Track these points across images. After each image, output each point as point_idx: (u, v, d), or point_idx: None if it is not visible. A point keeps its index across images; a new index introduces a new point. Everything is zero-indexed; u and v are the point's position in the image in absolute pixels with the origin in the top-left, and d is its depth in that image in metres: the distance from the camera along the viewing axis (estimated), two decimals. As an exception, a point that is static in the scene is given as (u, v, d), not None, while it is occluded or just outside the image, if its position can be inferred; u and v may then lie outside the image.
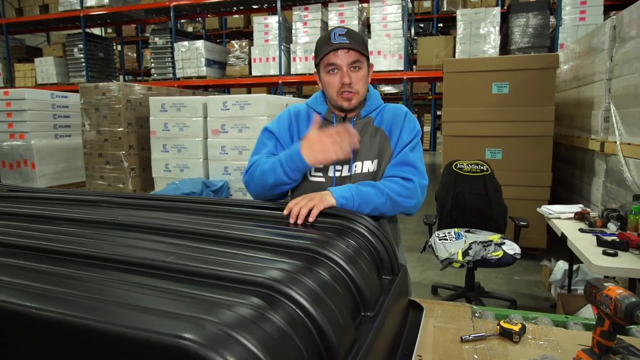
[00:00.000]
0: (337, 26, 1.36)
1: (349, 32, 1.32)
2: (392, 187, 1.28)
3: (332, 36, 1.31)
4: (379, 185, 1.28)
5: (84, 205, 1.32)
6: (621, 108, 3.04)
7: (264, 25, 8.18)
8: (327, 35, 1.33)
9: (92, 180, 6.38)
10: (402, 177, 1.32)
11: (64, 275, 0.74)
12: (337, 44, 1.29)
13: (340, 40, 1.29)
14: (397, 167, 1.34)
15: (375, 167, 1.38)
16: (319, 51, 1.35)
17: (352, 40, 1.30)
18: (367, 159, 1.38)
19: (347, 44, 1.29)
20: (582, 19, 6.62)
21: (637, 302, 0.78)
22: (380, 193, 1.26)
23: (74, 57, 9.29)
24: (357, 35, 1.34)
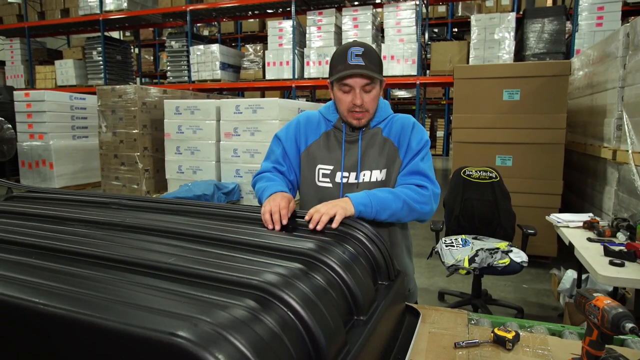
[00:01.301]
0: (354, 42, 1.35)
1: (365, 52, 1.31)
2: (408, 194, 1.31)
3: (349, 55, 1.30)
4: (396, 192, 1.30)
5: (95, 207, 1.38)
6: (634, 116, 3.01)
7: (279, 30, 8.27)
8: (343, 52, 1.32)
9: (107, 181, 6.52)
10: (416, 184, 1.34)
11: (71, 274, 0.79)
12: (353, 67, 1.29)
13: (357, 62, 1.29)
14: (409, 176, 1.36)
15: (384, 177, 1.40)
16: (334, 67, 1.35)
17: (368, 61, 1.30)
18: (375, 168, 1.40)
19: (362, 68, 1.29)
20: (599, 24, 6.53)
21: (623, 312, 0.79)
22: (398, 199, 1.28)
23: (92, 59, 9.51)
24: (374, 54, 1.33)
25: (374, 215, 1.26)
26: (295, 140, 1.49)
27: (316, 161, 1.44)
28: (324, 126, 1.47)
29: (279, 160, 1.49)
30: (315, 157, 1.45)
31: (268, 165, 1.50)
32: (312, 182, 1.45)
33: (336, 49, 1.38)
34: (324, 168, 1.43)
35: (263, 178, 1.44)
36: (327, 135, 1.46)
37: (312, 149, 1.46)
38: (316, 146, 1.46)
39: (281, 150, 1.49)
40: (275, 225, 1.14)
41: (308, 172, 1.46)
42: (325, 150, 1.44)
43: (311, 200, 1.42)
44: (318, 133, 1.47)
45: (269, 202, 1.19)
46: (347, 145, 1.42)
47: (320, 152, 1.44)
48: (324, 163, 1.43)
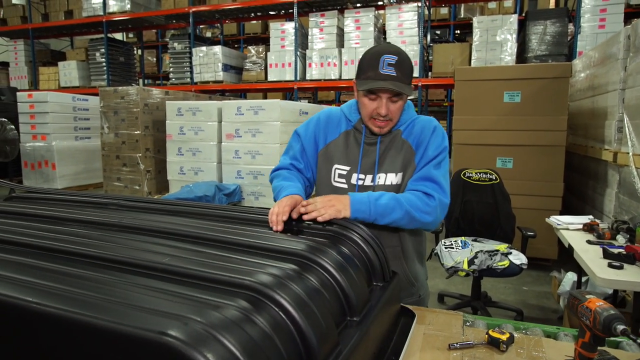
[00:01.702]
0: (388, 48, 1.28)
1: (399, 61, 1.26)
2: (412, 201, 1.27)
3: (381, 63, 1.25)
4: (399, 198, 1.27)
5: (93, 207, 1.39)
6: (634, 119, 3.00)
7: (281, 32, 8.29)
8: (376, 58, 1.26)
9: (109, 182, 6.55)
10: (423, 192, 1.30)
11: (65, 274, 0.79)
12: (384, 78, 1.24)
13: (388, 72, 1.24)
14: (419, 182, 1.33)
15: (399, 180, 1.37)
16: (363, 71, 1.30)
17: (400, 72, 1.25)
18: (391, 171, 1.37)
19: (394, 80, 1.24)
20: (602, 26, 6.52)
21: (615, 314, 0.79)
22: (400, 206, 1.26)
23: (95, 61, 9.56)
24: (406, 63, 1.28)
25: (372, 220, 1.25)
26: (314, 137, 1.46)
27: (333, 161, 1.42)
28: (344, 125, 1.44)
29: (297, 156, 1.47)
30: (333, 156, 1.42)
31: (286, 161, 1.48)
32: (327, 182, 1.43)
33: (369, 50, 1.32)
34: (340, 168, 1.41)
35: (280, 176, 1.43)
36: (346, 134, 1.43)
37: (330, 148, 1.43)
38: (334, 145, 1.43)
39: (300, 146, 1.47)
40: (277, 226, 1.14)
41: (324, 171, 1.44)
42: (343, 151, 1.41)
43: None
44: (338, 132, 1.44)
45: (278, 205, 1.19)
46: (365, 147, 1.40)
47: (337, 152, 1.42)
48: (341, 163, 1.41)
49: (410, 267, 1.42)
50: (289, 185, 1.33)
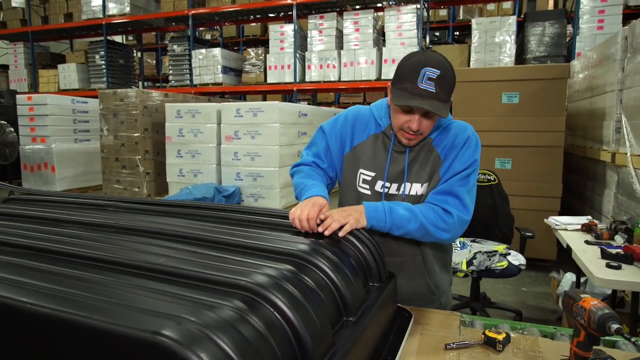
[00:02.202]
0: (431, 59, 1.17)
1: (441, 76, 1.15)
2: (429, 216, 1.24)
3: (421, 76, 1.15)
4: (416, 211, 1.24)
5: (91, 209, 1.39)
6: (632, 119, 3.00)
7: (280, 34, 8.30)
8: (416, 69, 1.16)
9: (108, 184, 6.55)
10: (443, 207, 1.26)
11: (62, 275, 0.80)
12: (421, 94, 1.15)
13: (428, 87, 1.15)
14: (440, 196, 1.28)
15: (424, 191, 1.31)
16: (400, 81, 1.20)
17: (440, 88, 1.15)
18: (417, 181, 1.31)
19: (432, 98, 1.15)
20: (600, 27, 6.53)
21: (609, 313, 0.80)
22: (415, 219, 1.23)
23: (95, 63, 9.58)
24: (449, 78, 1.18)
25: (386, 230, 1.24)
26: (340, 136, 1.40)
27: (359, 165, 1.36)
28: (373, 128, 1.37)
29: (321, 155, 1.42)
30: (359, 160, 1.36)
31: (308, 157, 1.44)
32: (352, 185, 1.38)
33: (410, 57, 1.21)
34: (365, 174, 1.35)
35: (301, 172, 1.39)
36: (375, 138, 1.36)
37: (357, 151, 1.37)
38: (361, 149, 1.36)
39: (324, 144, 1.42)
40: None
41: (350, 174, 1.38)
42: (371, 155, 1.35)
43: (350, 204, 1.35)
44: (366, 134, 1.37)
45: (300, 208, 1.16)
46: (394, 154, 1.33)
47: (364, 156, 1.36)
48: (367, 168, 1.35)
49: (431, 276, 1.38)
50: (312, 185, 1.29)
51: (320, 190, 1.27)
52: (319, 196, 1.23)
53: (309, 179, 1.34)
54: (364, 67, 7.71)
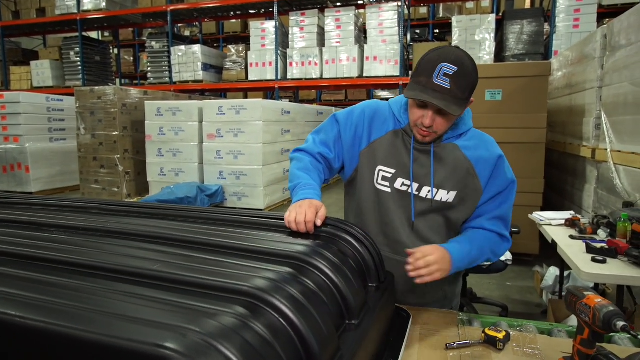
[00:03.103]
0: (452, 55, 1.12)
1: (458, 73, 1.11)
2: (493, 247, 1.28)
3: (437, 71, 1.11)
4: (485, 248, 1.26)
5: (74, 211, 1.33)
6: (612, 116, 3.07)
7: (261, 30, 8.22)
8: (434, 63, 1.12)
9: (86, 184, 6.38)
10: (500, 233, 1.28)
11: (49, 284, 0.75)
12: (435, 89, 1.12)
13: (442, 83, 1.11)
14: (497, 222, 1.28)
15: (451, 199, 1.27)
16: (417, 73, 1.16)
17: (456, 86, 1.11)
18: (444, 188, 1.26)
19: (445, 94, 1.11)
20: (576, 26, 6.68)
21: (615, 311, 0.79)
22: (484, 255, 1.27)
23: (70, 60, 9.30)
24: (467, 76, 1.13)
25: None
26: (355, 129, 1.34)
27: (377, 161, 1.30)
28: (392, 124, 1.32)
29: (329, 144, 1.36)
30: (377, 156, 1.31)
31: (315, 146, 1.36)
32: (370, 183, 1.32)
33: (432, 51, 1.17)
34: (384, 170, 1.30)
35: (301, 162, 1.33)
36: (394, 135, 1.30)
37: (374, 147, 1.31)
38: (379, 144, 1.31)
39: (336, 133, 1.36)
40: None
41: (368, 171, 1.32)
42: (390, 151, 1.29)
43: (369, 203, 1.33)
44: (384, 130, 1.31)
45: (295, 210, 1.12)
46: (416, 153, 1.27)
47: (383, 152, 1.30)
48: (386, 165, 1.29)
49: (449, 284, 1.38)
50: (307, 186, 1.25)
51: (314, 194, 1.23)
52: (313, 199, 1.19)
53: (306, 176, 1.29)
54: (345, 65, 7.70)
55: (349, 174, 1.38)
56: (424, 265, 1.11)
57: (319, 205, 1.16)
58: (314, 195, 1.22)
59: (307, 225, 1.10)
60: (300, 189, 1.25)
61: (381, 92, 11.44)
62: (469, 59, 1.14)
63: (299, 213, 1.11)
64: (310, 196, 1.20)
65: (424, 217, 1.29)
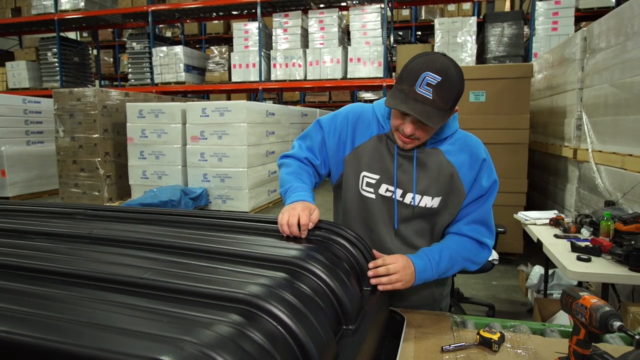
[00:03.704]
0: (437, 64, 1.09)
1: (441, 83, 1.08)
2: (468, 255, 1.25)
3: (420, 80, 1.08)
4: (457, 258, 1.23)
5: (57, 217, 1.28)
6: (592, 117, 3.14)
7: (244, 32, 8.17)
8: (417, 72, 1.09)
9: (65, 188, 6.22)
10: (479, 240, 1.26)
11: (36, 295, 0.71)
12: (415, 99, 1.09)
13: (424, 93, 1.08)
14: (474, 226, 1.26)
15: (436, 205, 1.25)
16: (401, 80, 1.13)
17: (438, 96, 1.08)
18: (428, 194, 1.25)
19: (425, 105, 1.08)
20: (555, 29, 6.83)
21: (611, 311, 0.80)
22: (457, 266, 1.24)
23: (47, 61, 9.07)
24: (451, 86, 1.10)
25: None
26: (339, 135, 1.32)
27: (361, 167, 1.29)
28: (375, 129, 1.29)
29: (315, 150, 1.35)
30: (361, 162, 1.29)
31: (301, 151, 1.35)
32: (355, 189, 1.31)
33: (417, 58, 1.13)
34: (368, 176, 1.28)
35: (289, 166, 1.32)
36: (378, 140, 1.28)
37: (358, 152, 1.30)
38: (363, 150, 1.29)
39: (320, 139, 1.34)
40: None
41: (352, 177, 1.31)
42: (373, 157, 1.28)
43: (354, 209, 1.32)
44: (368, 135, 1.30)
45: (288, 212, 1.10)
46: (399, 159, 1.26)
47: (367, 158, 1.29)
48: (370, 171, 1.28)
49: (437, 286, 1.37)
50: (299, 188, 1.23)
51: (307, 196, 1.21)
52: (306, 201, 1.18)
53: (297, 180, 1.27)
54: (329, 66, 7.71)
55: (335, 179, 1.37)
56: (384, 272, 1.10)
57: (312, 208, 1.15)
58: (307, 197, 1.20)
59: (301, 227, 1.08)
60: (293, 191, 1.23)
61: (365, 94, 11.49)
62: (455, 68, 1.11)
63: (292, 215, 1.10)
64: (303, 198, 1.19)
65: (409, 223, 1.29)
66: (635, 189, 2.43)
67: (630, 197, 2.48)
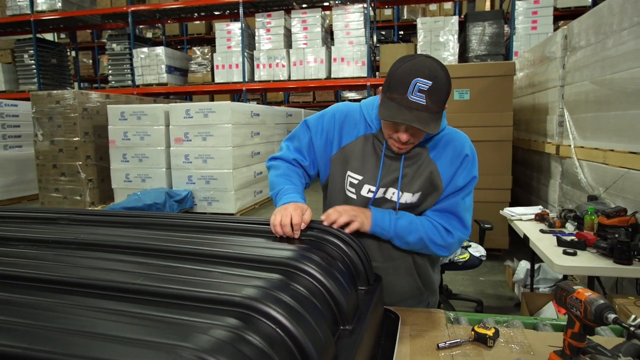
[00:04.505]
0: (425, 69, 1.06)
1: (433, 87, 1.06)
2: (430, 233, 1.23)
3: (412, 87, 1.06)
4: (419, 225, 1.23)
5: (40, 223, 1.25)
6: (574, 113, 3.20)
7: (227, 32, 8.10)
8: (407, 79, 1.07)
9: (45, 193, 6.08)
10: (445, 227, 1.24)
11: (23, 304, 0.69)
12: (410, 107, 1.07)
13: (417, 99, 1.06)
14: (442, 215, 1.26)
15: (415, 200, 1.26)
16: (390, 88, 1.11)
17: (431, 101, 1.06)
18: (408, 191, 1.25)
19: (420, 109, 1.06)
20: (534, 28, 6.95)
21: (605, 304, 0.81)
22: (416, 233, 1.22)
23: (24, 63, 8.85)
24: (442, 88, 1.08)
25: (388, 238, 1.23)
26: (326, 134, 1.31)
27: (347, 167, 1.28)
28: (362, 129, 1.28)
29: (303, 150, 1.34)
30: (347, 162, 1.28)
31: (289, 152, 1.34)
32: (341, 188, 1.30)
33: (402, 63, 1.10)
34: (352, 177, 1.28)
35: (278, 169, 1.31)
36: (365, 140, 1.27)
37: (345, 152, 1.29)
38: (349, 150, 1.28)
39: (308, 139, 1.33)
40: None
41: (339, 177, 1.31)
42: (359, 158, 1.27)
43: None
44: (355, 134, 1.28)
45: (281, 213, 1.09)
46: (387, 161, 1.25)
47: (352, 158, 1.28)
48: (355, 171, 1.27)
49: (422, 277, 1.36)
50: (290, 190, 1.23)
51: (298, 197, 1.21)
52: (298, 202, 1.17)
53: (287, 182, 1.27)
54: (313, 66, 7.69)
55: (324, 179, 1.37)
56: (336, 215, 1.15)
57: (304, 208, 1.14)
58: (298, 198, 1.19)
59: (294, 227, 1.07)
60: (284, 193, 1.22)
61: (349, 93, 11.51)
62: (442, 69, 1.09)
63: (284, 216, 1.08)
64: (294, 199, 1.18)
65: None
66: (616, 184, 2.48)
67: (612, 191, 2.53)
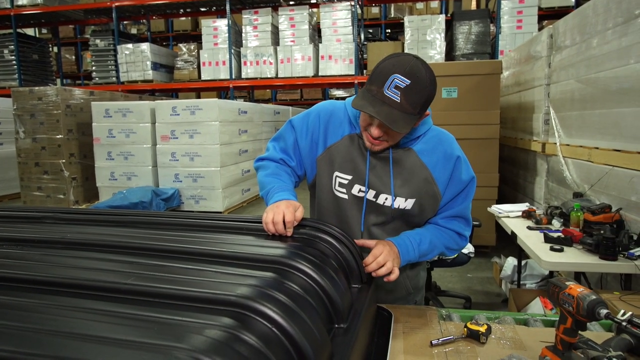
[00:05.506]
0: (404, 65, 1.05)
1: (409, 86, 1.04)
2: (447, 243, 1.28)
3: (388, 83, 1.04)
4: (437, 243, 1.26)
5: (24, 222, 1.21)
6: (560, 111, 3.24)
7: (213, 29, 8.02)
8: (386, 74, 1.06)
9: (28, 192, 5.95)
10: (457, 232, 1.29)
11: (10, 306, 0.66)
12: (382, 101, 1.05)
13: (392, 95, 1.04)
14: (453, 220, 1.28)
15: (409, 207, 1.23)
16: (370, 80, 1.09)
17: (406, 99, 1.04)
18: (401, 196, 1.23)
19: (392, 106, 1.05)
20: (519, 27, 7.03)
21: (597, 299, 0.81)
22: (437, 250, 1.28)
23: (4, 59, 8.65)
24: (419, 91, 1.06)
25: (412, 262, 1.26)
26: (311, 134, 1.29)
27: (334, 167, 1.27)
28: (347, 128, 1.26)
29: (289, 151, 1.32)
30: (334, 162, 1.26)
31: (276, 153, 1.33)
32: (329, 189, 1.29)
33: (389, 58, 1.09)
34: (341, 177, 1.26)
35: (267, 168, 1.30)
36: (350, 139, 1.25)
37: (331, 152, 1.27)
38: (335, 150, 1.26)
39: (293, 139, 1.32)
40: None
41: (326, 177, 1.29)
42: (346, 157, 1.25)
43: (328, 209, 1.30)
44: (340, 134, 1.26)
45: (273, 211, 1.08)
46: (372, 160, 1.23)
47: (339, 158, 1.26)
48: (342, 171, 1.26)
49: (410, 277, 1.37)
50: (281, 188, 1.21)
51: (289, 195, 1.19)
52: (290, 200, 1.15)
53: (277, 180, 1.25)
54: (300, 64, 7.67)
55: (311, 179, 1.36)
56: (376, 267, 1.11)
57: (296, 205, 1.13)
58: (290, 196, 1.18)
59: (286, 225, 1.06)
60: (275, 191, 1.20)
61: (336, 91, 11.51)
62: (427, 71, 1.07)
63: (276, 213, 1.07)
64: (286, 197, 1.16)
65: (383, 223, 1.28)
66: (601, 181, 2.53)
67: (597, 188, 2.58)
